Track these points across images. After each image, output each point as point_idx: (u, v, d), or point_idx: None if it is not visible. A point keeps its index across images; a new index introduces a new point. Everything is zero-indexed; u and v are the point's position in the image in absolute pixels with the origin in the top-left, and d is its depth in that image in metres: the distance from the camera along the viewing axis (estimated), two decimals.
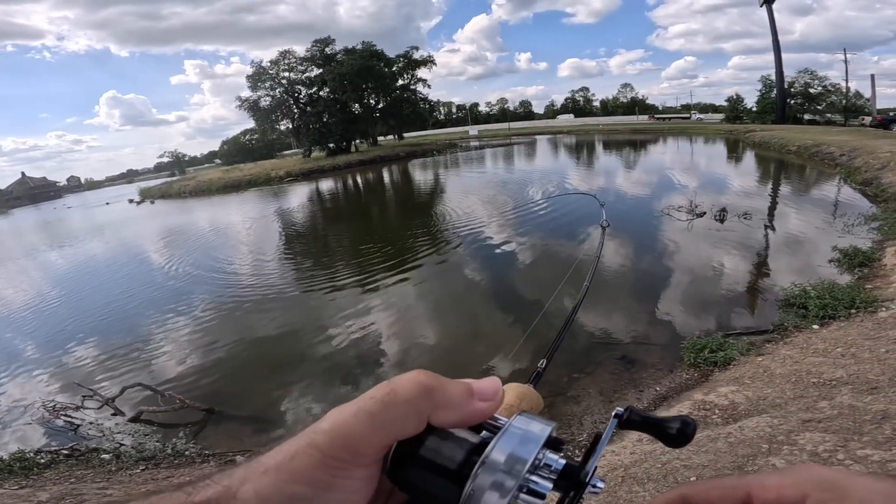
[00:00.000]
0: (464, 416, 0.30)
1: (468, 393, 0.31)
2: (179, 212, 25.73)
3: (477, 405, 0.31)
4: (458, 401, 0.30)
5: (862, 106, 38.13)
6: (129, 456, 4.04)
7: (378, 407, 0.28)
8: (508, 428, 0.30)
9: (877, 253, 6.29)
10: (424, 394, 0.29)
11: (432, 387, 0.29)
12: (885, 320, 3.92)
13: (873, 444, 1.91)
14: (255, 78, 45.36)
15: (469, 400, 0.31)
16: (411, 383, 0.29)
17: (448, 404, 0.30)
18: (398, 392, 0.29)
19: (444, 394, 0.30)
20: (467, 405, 0.30)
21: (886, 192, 9.70)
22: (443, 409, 0.30)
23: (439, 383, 0.30)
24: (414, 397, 0.29)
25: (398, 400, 0.28)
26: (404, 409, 0.28)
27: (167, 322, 7.75)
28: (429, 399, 0.29)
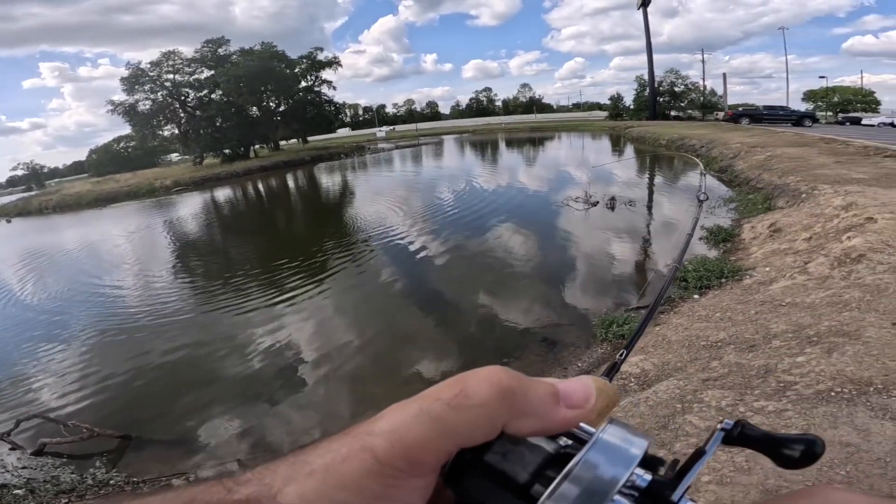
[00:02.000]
0: (546, 426, 0.26)
1: (554, 398, 0.27)
2: (44, 231, 21.98)
3: (563, 413, 0.27)
4: (542, 407, 0.26)
5: (716, 102, 44.80)
6: (46, 490, 3.62)
7: (445, 411, 0.24)
8: (597, 441, 0.25)
9: (736, 230, 7.46)
10: (502, 398, 0.25)
11: (512, 390, 0.26)
12: (750, 286, 4.69)
13: (765, 396, 2.30)
14: (131, 80, 40.34)
15: (554, 406, 0.27)
16: (487, 384, 0.25)
17: (529, 411, 0.26)
18: (470, 394, 0.25)
19: (526, 399, 0.26)
20: (551, 413, 0.26)
21: (739, 177, 11.54)
22: (522, 418, 0.26)
23: (520, 386, 0.26)
24: (489, 402, 0.25)
25: (470, 403, 0.25)
26: (476, 414, 0.25)
27: (51, 352, 6.75)
28: (507, 404, 0.25)
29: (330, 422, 4.36)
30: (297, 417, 4.52)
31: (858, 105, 46.11)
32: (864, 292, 3.54)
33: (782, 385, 2.47)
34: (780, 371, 2.61)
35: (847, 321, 3.07)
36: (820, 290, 3.92)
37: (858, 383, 2.34)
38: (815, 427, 2.07)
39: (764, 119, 27.77)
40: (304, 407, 4.66)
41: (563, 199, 12.25)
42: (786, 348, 2.90)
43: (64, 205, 31.20)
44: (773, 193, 8.71)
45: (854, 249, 4.50)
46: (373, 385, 4.86)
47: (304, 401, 4.77)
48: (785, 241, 5.91)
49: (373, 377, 5.03)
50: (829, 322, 3.13)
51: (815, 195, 7.18)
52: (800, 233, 5.91)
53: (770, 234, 6.47)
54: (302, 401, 4.77)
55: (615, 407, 0.34)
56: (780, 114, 28.22)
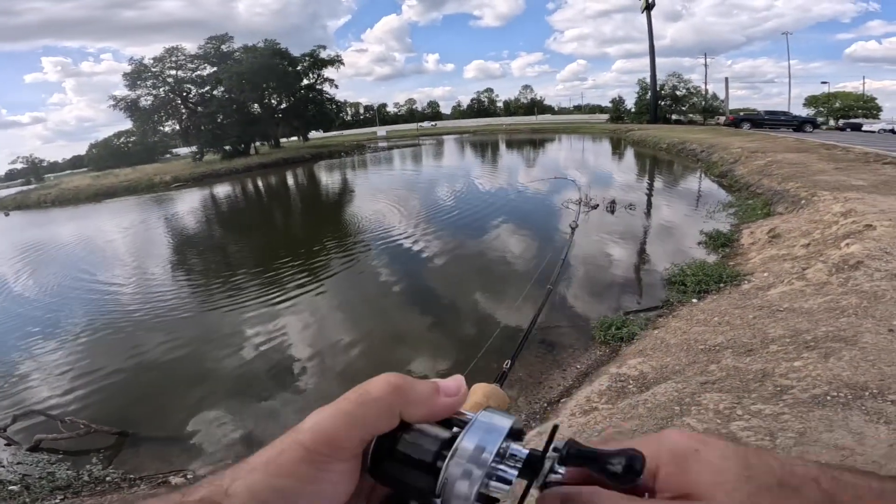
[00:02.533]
0: (432, 411, 0.34)
1: (434, 390, 0.35)
2: (42, 224, 21.95)
3: (443, 400, 0.34)
4: (426, 397, 0.34)
5: (717, 107, 44.89)
6: (42, 486, 3.61)
7: (353, 406, 0.32)
8: (474, 422, 0.33)
9: (735, 234, 7.50)
10: (394, 392, 0.33)
11: (401, 385, 0.33)
12: (748, 291, 4.72)
13: (762, 400, 2.33)
14: (134, 76, 40.20)
15: (435, 396, 0.34)
16: (382, 383, 0.33)
17: (417, 401, 0.33)
18: (370, 391, 0.32)
19: (413, 391, 0.33)
20: (434, 401, 0.34)
21: (739, 182, 11.58)
22: (412, 406, 0.33)
23: (407, 383, 0.34)
24: (385, 395, 0.32)
25: (370, 398, 0.32)
26: (377, 406, 0.32)
27: (48, 347, 6.73)
28: (399, 396, 0.33)
29: None
30: (294, 415, 4.53)
31: (859, 111, 46.29)
32: (862, 299, 3.57)
33: (779, 389, 2.50)
34: (777, 375, 2.64)
35: (844, 327, 3.10)
36: (818, 295, 3.96)
37: (854, 388, 2.37)
38: (811, 430, 2.10)
39: (765, 124, 27.84)
40: (300, 405, 4.67)
41: (563, 202, 12.28)
42: (783, 353, 2.93)
43: (63, 199, 31.12)
44: (773, 199, 8.75)
45: (852, 256, 4.53)
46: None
47: (301, 399, 4.78)
48: (784, 246, 5.94)
49: (370, 376, 5.03)
50: (826, 327, 3.16)
51: (814, 201, 7.21)
52: (799, 239, 5.94)
53: (769, 239, 6.50)
54: (299, 399, 4.78)
55: (505, 406, 0.46)
56: (781, 119, 28.29)
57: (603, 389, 3.25)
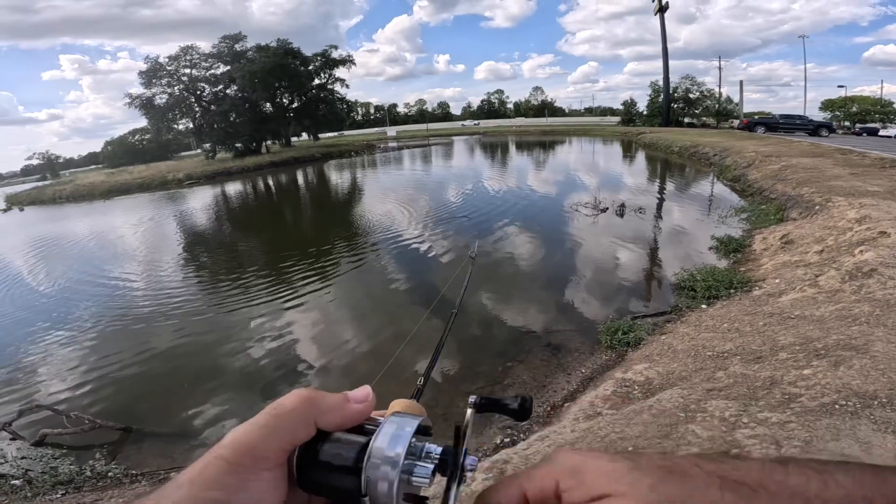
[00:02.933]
0: (344, 418, 0.36)
1: (344, 399, 0.37)
2: (56, 219, 22.35)
3: (353, 407, 0.37)
4: (337, 406, 0.36)
5: (731, 110, 44.39)
6: (44, 481, 3.63)
7: (269, 418, 0.34)
8: (384, 424, 0.36)
9: (747, 240, 7.40)
10: (306, 402, 0.35)
11: (312, 397, 0.36)
12: (759, 297, 4.66)
13: (769, 408, 2.30)
14: (149, 74, 40.84)
15: (345, 404, 0.37)
16: (294, 396, 0.35)
17: (329, 409, 0.36)
18: (284, 404, 0.35)
19: (324, 401, 0.36)
20: (345, 408, 0.37)
21: (752, 187, 11.43)
22: (325, 414, 0.35)
23: (318, 394, 0.36)
24: (298, 406, 0.35)
25: (284, 410, 0.34)
26: (291, 416, 0.34)
27: (57, 342, 6.80)
28: (311, 407, 0.35)
29: None
30: None
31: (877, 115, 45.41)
32: (874, 307, 3.51)
33: (787, 397, 2.47)
34: (785, 383, 2.61)
35: (855, 335, 3.05)
36: (830, 303, 3.90)
37: (863, 397, 2.33)
38: (817, 439, 2.07)
39: (780, 128, 27.43)
40: None
41: (573, 205, 12.22)
42: (792, 360, 2.89)
43: (77, 195, 31.64)
44: (787, 204, 8.62)
45: (866, 263, 4.46)
46: (376, 383, 4.88)
47: None
48: (797, 253, 5.86)
49: (375, 376, 5.06)
50: (837, 336, 3.11)
51: (828, 207, 7.10)
52: (812, 245, 5.86)
53: (782, 245, 6.42)
54: None
55: None
56: (796, 123, 27.86)
57: (608, 395, 3.24)
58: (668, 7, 46.08)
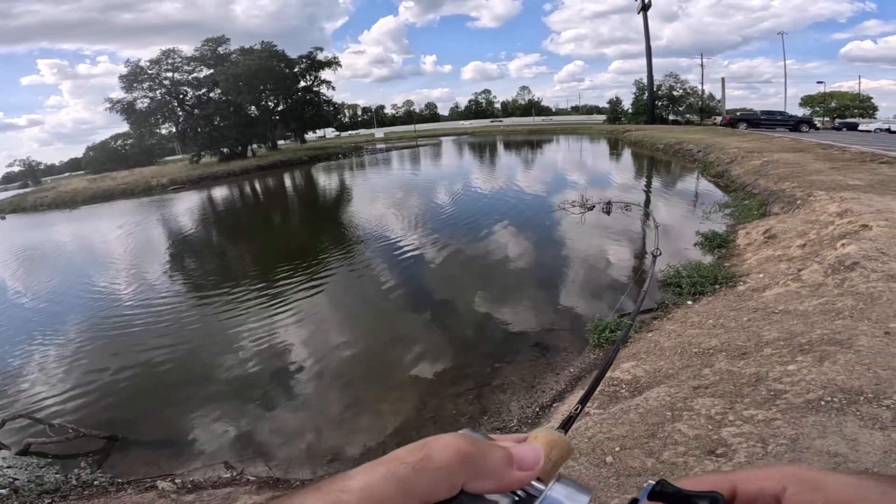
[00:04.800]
0: (500, 486, 0.30)
1: (508, 461, 0.30)
2: (38, 227, 21.88)
3: (515, 475, 0.30)
4: (496, 470, 0.30)
5: (714, 107, 45.02)
6: (30, 490, 3.59)
7: (409, 473, 0.27)
8: (546, 497, 0.29)
9: (731, 235, 7.46)
10: (461, 462, 0.28)
11: (470, 455, 0.29)
12: (743, 293, 4.67)
13: (755, 405, 2.28)
14: (130, 78, 40.20)
15: (508, 469, 0.30)
16: (449, 450, 0.29)
17: (485, 473, 0.29)
18: (434, 458, 0.28)
19: (483, 462, 0.29)
20: (505, 475, 0.30)
21: (735, 183, 11.55)
22: (479, 479, 0.29)
23: (479, 451, 0.29)
24: (450, 465, 0.28)
25: (432, 466, 0.28)
26: (437, 476, 0.28)
27: (39, 350, 6.68)
28: (466, 468, 0.28)
29: (321, 424, 4.32)
30: (285, 419, 4.47)
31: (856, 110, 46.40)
32: (858, 300, 3.53)
33: (773, 393, 2.45)
34: (770, 379, 2.59)
35: (839, 329, 3.05)
36: (813, 297, 3.91)
37: (849, 392, 2.32)
38: (803, 437, 2.05)
39: (761, 124, 27.89)
40: (292, 409, 4.61)
41: (560, 203, 12.23)
42: (777, 356, 2.88)
43: (59, 202, 31.00)
44: (769, 199, 8.71)
45: (848, 257, 4.49)
46: (364, 388, 4.82)
47: (294, 403, 4.72)
48: (779, 247, 5.90)
49: (364, 380, 4.99)
50: (821, 330, 3.11)
51: (810, 201, 7.18)
52: (794, 239, 5.90)
53: (765, 240, 6.46)
54: (291, 403, 4.72)
55: (569, 457, 0.41)
56: (777, 119, 28.34)
57: (595, 394, 3.20)
58: (651, 5, 46.62)
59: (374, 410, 4.44)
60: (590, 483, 2.24)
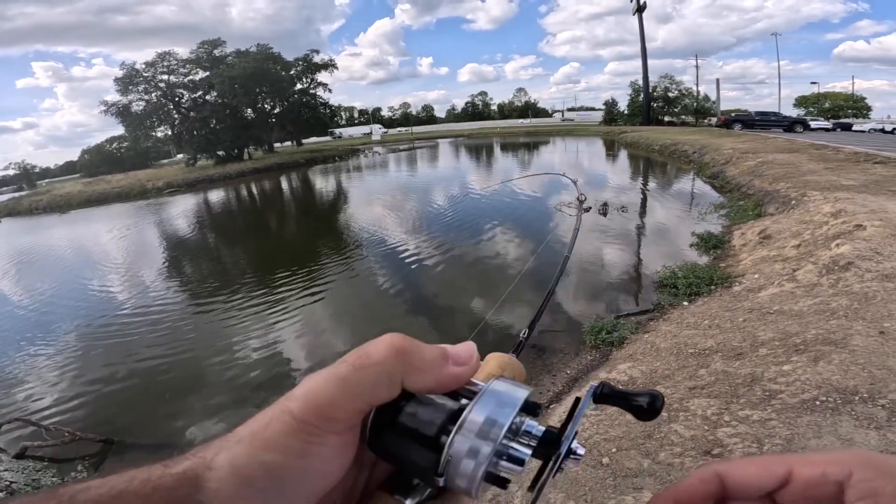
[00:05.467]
0: (438, 381, 0.30)
1: (443, 356, 0.30)
2: (33, 231, 21.75)
3: (451, 369, 0.30)
4: (433, 364, 0.30)
5: (709, 108, 45.25)
6: (26, 493, 3.48)
7: (349, 371, 0.28)
8: (484, 392, 0.30)
9: (726, 236, 7.48)
10: (397, 356, 0.29)
11: (406, 349, 0.29)
12: (738, 293, 4.69)
13: (750, 405, 2.28)
14: (125, 81, 40.07)
15: (443, 363, 0.30)
16: (384, 345, 0.29)
17: (422, 367, 0.29)
18: (370, 355, 0.28)
19: (419, 357, 0.29)
20: (442, 369, 0.30)
21: (730, 183, 11.60)
22: (417, 373, 0.29)
23: (413, 346, 0.30)
24: (386, 360, 0.28)
25: (370, 363, 0.28)
26: (376, 371, 0.28)
27: (35, 355, 6.64)
28: (402, 362, 0.29)
29: None
30: None
31: (850, 111, 46.72)
32: (852, 300, 3.54)
33: (768, 394, 2.45)
34: (766, 379, 2.59)
35: (834, 329, 3.06)
36: (808, 297, 3.92)
37: (844, 392, 2.32)
38: (798, 437, 2.05)
39: (756, 125, 28.04)
40: None
41: (556, 205, 12.25)
42: (772, 356, 2.88)
43: (54, 205, 30.84)
44: (764, 200, 8.75)
45: (843, 257, 4.51)
46: None
47: None
48: (774, 247, 5.92)
49: None
50: (816, 330, 3.12)
51: (804, 202, 7.21)
52: (789, 240, 5.93)
53: (760, 240, 6.49)
54: None
55: (522, 378, 0.42)
56: (771, 119, 28.51)
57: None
58: (646, 7, 46.85)
59: None
60: (585, 485, 2.23)
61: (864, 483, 0.26)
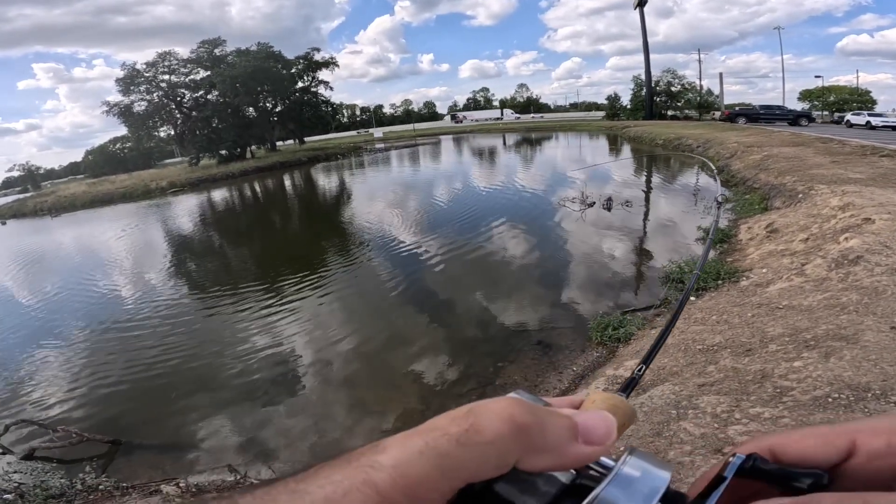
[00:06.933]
0: (562, 463, 0.25)
1: (572, 433, 0.25)
2: (38, 232, 21.87)
3: (581, 450, 0.25)
4: (558, 444, 0.25)
5: (712, 102, 44.87)
6: (35, 495, 3.61)
7: (453, 447, 0.23)
8: (618, 473, 0.24)
9: (733, 230, 7.42)
10: (515, 435, 0.23)
11: (527, 426, 0.24)
12: (746, 288, 4.65)
13: (761, 403, 2.25)
14: (127, 81, 40.14)
15: (572, 443, 0.25)
16: (500, 420, 0.24)
17: (545, 448, 0.24)
18: (481, 430, 0.23)
19: (542, 435, 0.24)
20: (568, 450, 0.25)
21: (735, 177, 11.51)
22: (536, 455, 0.24)
23: (536, 420, 0.24)
24: (501, 439, 0.23)
25: (480, 440, 0.23)
26: (486, 451, 0.23)
27: (43, 355, 6.69)
28: (521, 442, 0.24)
29: (324, 426, 4.30)
30: (287, 422, 4.45)
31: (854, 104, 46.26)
32: (862, 295, 3.50)
33: (779, 391, 2.42)
34: (776, 376, 2.57)
35: (845, 324, 3.02)
36: (817, 292, 3.88)
37: (856, 389, 2.29)
38: None
39: (760, 118, 27.80)
40: (294, 411, 4.60)
41: (560, 200, 12.20)
42: (783, 353, 2.85)
43: (59, 206, 31.00)
44: (770, 193, 8.68)
45: (852, 251, 4.46)
46: (367, 390, 4.81)
47: (295, 405, 4.70)
48: (782, 241, 5.87)
49: (368, 382, 4.97)
50: (826, 325, 3.08)
51: (811, 195, 7.15)
52: (797, 234, 5.87)
53: (767, 234, 6.43)
54: (293, 405, 4.71)
55: (632, 424, 0.34)
56: (776, 113, 28.26)
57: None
58: (647, 1, 46.46)
59: (378, 412, 4.43)
60: None
61: None
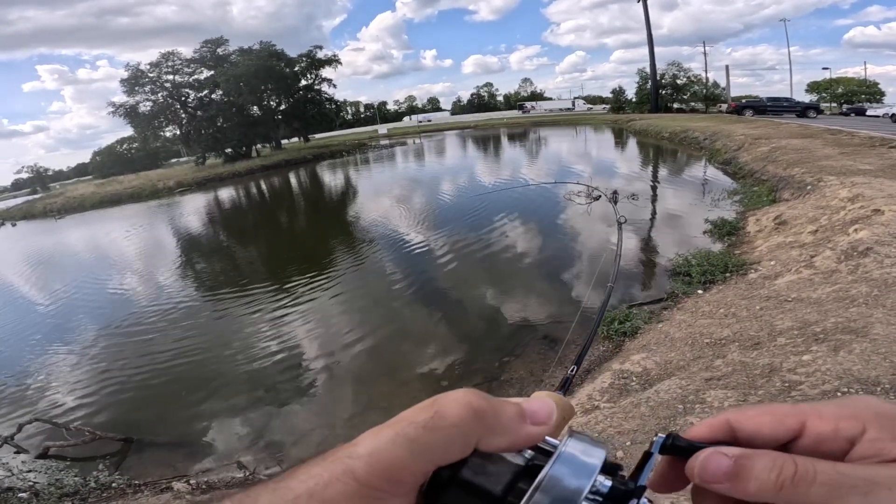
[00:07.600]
0: (515, 442, 0.28)
1: (520, 416, 0.29)
2: (48, 233, 22.14)
3: (529, 429, 0.29)
4: (510, 425, 0.28)
5: (719, 94, 44.31)
6: (50, 493, 3.67)
7: (421, 433, 0.26)
8: (561, 453, 0.28)
9: (740, 222, 7.36)
10: (473, 418, 0.27)
11: (482, 410, 0.27)
12: (754, 281, 4.61)
13: (769, 397, 2.24)
14: (131, 82, 40.38)
15: (521, 424, 0.29)
16: (459, 406, 0.27)
17: (498, 429, 0.28)
18: (444, 415, 0.27)
19: (495, 417, 0.28)
20: (519, 430, 0.29)
21: (743, 169, 11.40)
22: (493, 435, 0.28)
23: (490, 406, 0.28)
24: (461, 422, 0.27)
25: (443, 424, 0.26)
26: (450, 434, 0.26)
27: (55, 355, 6.79)
28: (478, 423, 0.27)
29: (332, 422, 4.34)
30: (296, 418, 4.50)
31: (863, 96, 45.56)
32: (872, 287, 3.46)
33: (787, 385, 2.41)
34: (785, 370, 2.55)
35: (854, 317, 3.00)
36: (826, 284, 3.85)
37: (865, 383, 2.28)
38: None
39: (768, 110, 27.43)
40: (303, 408, 4.64)
41: (566, 194, 12.14)
42: (791, 346, 2.83)
43: (68, 207, 31.34)
44: (778, 185, 8.59)
45: (861, 242, 4.41)
46: (374, 386, 4.84)
47: (304, 402, 4.75)
48: (790, 233, 5.81)
49: (374, 378, 5.00)
50: (835, 318, 3.06)
51: (820, 187, 7.06)
52: (805, 225, 5.81)
53: (775, 226, 6.37)
54: (301, 402, 4.75)
55: (571, 419, 0.40)
56: (783, 105, 27.86)
57: (605, 387, 3.17)
58: None
59: (384, 407, 4.45)
60: None
61: (876, 444, 0.25)
